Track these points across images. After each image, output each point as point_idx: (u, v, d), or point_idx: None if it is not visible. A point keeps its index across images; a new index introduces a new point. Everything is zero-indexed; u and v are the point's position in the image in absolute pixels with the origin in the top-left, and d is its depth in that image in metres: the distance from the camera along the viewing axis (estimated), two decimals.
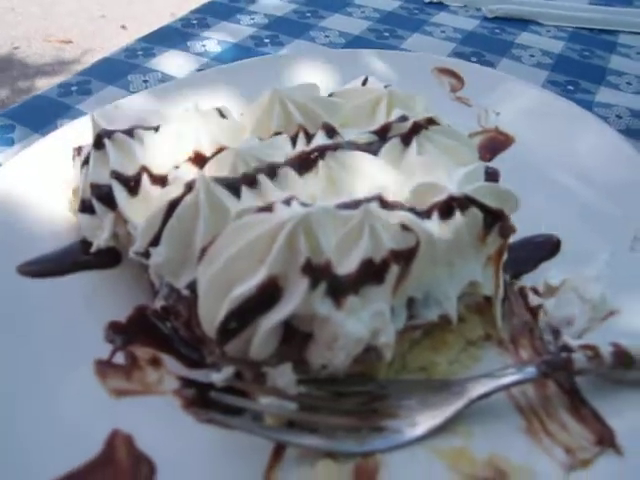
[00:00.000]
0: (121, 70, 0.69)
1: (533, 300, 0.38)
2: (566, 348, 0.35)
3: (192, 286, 0.33)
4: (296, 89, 0.41)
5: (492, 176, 0.48)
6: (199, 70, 0.69)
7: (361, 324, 0.31)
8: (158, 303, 0.38)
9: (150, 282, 0.39)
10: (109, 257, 0.40)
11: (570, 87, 0.68)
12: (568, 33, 0.80)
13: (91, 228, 0.39)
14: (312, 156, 0.36)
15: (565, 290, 0.39)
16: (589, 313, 0.37)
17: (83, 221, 0.39)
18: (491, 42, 0.76)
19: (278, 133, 0.39)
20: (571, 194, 0.46)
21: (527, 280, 0.40)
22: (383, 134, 0.40)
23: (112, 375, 0.35)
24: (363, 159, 0.37)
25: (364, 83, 0.45)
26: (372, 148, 0.38)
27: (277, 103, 0.40)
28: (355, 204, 0.32)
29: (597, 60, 0.73)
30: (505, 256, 0.38)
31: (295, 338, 0.32)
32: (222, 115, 0.41)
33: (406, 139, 0.39)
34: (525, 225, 0.39)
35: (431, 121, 0.41)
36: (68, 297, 0.39)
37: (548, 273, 0.40)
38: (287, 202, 0.31)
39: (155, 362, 0.36)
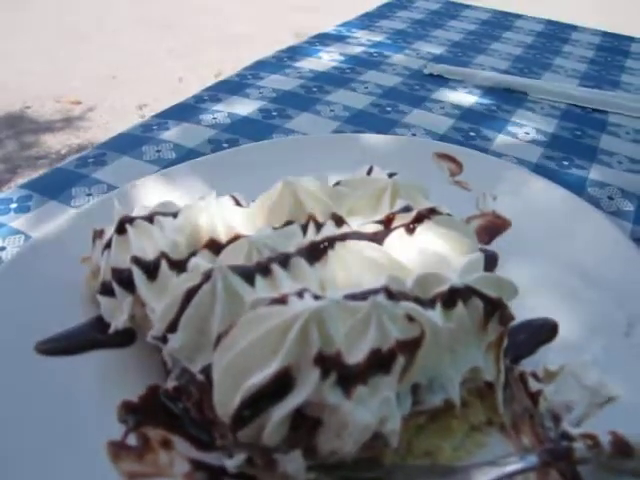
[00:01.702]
0: (135, 142, 0.73)
1: (533, 386, 0.39)
2: (566, 436, 0.36)
3: (206, 371, 0.34)
4: (306, 180, 0.44)
5: (491, 259, 0.50)
6: (210, 141, 0.72)
7: (369, 412, 0.32)
8: (170, 383, 0.39)
9: (163, 361, 0.40)
10: (124, 336, 0.42)
11: (565, 162, 0.71)
12: (561, 111, 0.84)
13: (110, 309, 0.40)
14: (322, 246, 0.38)
15: (564, 375, 0.40)
16: (588, 399, 0.39)
17: (103, 303, 0.41)
18: (488, 119, 0.81)
19: (289, 221, 0.42)
20: (565, 278, 0.48)
21: (527, 364, 0.42)
22: (388, 224, 0.42)
23: (125, 457, 0.35)
24: (369, 249, 0.39)
25: (369, 172, 0.48)
26: (378, 237, 0.41)
27: (289, 193, 0.42)
28: (363, 295, 0.34)
29: (588, 140, 0.77)
30: (505, 342, 0.39)
31: (305, 424, 0.33)
32: (237, 202, 0.44)
33: (410, 229, 0.41)
34: (522, 308, 0.41)
35: (433, 211, 0.43)
36: (83, 375, 0.40)
37: (547, 358, 0.42)
38: (300, 294, 0.33)
39: (166, 444, 0.37)
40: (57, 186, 0.64)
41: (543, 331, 0.45)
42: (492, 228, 0.54)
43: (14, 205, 0.62)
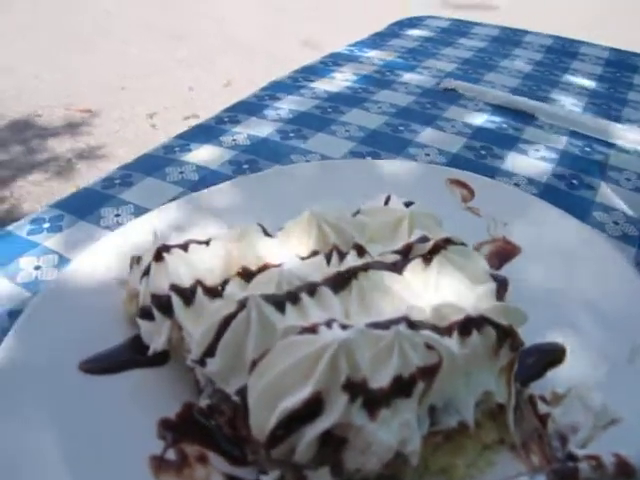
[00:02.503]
0: (159, 163, 0.76)
1: (542, 408, 0.42)
2: (572, 457, 0.39)
3: (242, 392, 0.37)
4: (329, 210, 0.47)
5: (502, 284, 0.53)
6: (230, 162, 0.75)
7: (391, 434, 0.35)
8: (203, 402, 0.42)
9: (195, 380, 0.43)
10: (159, 356, 0.45)
11: (574, 181, 0.74)
12: (569, 130, 0.87)
13: (149, 332, 0.43)
14: (346, 276, 0.41)
15: (571, 398, 0.43)
16: (593, 421, 0.42)
17: (142, 326, 0.44)
18: (499, 137, 0.84)
19: (315, 251, 0.45)
20: (572, 305, 0.51)
21: (536, 387, 0.45)
22: (406, 253, 0.45)
23: (165, 471, 0.38)
24: (390, 279, 0.42)
25: (387, 201, 0.51)
26: (397, 267, 0.44)
27: (314, 225, 0.45)
28: (386, 325, 0.37)
29: (597, 156, 0.80)
30: (516, 366, 0.42)
31: (332, 443, 0.36)
32: (265, 231, 0.47)
33: (427, 259, 0.44)
34: (531, 333, 0.44)
35: (448, 241, 0.46)
36: (123, 393, 0.43)
37: (554, 381, 0.45)
38: (328, 324, 0.36)
39: (202, 459, 0.40)
40: (86, 206, 0.68)
41: (551, 355, 0.48)
42: (502, 254, 0.57)
43: (47, 225, 0.65)
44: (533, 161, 0.78)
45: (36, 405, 0.41)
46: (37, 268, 0.58)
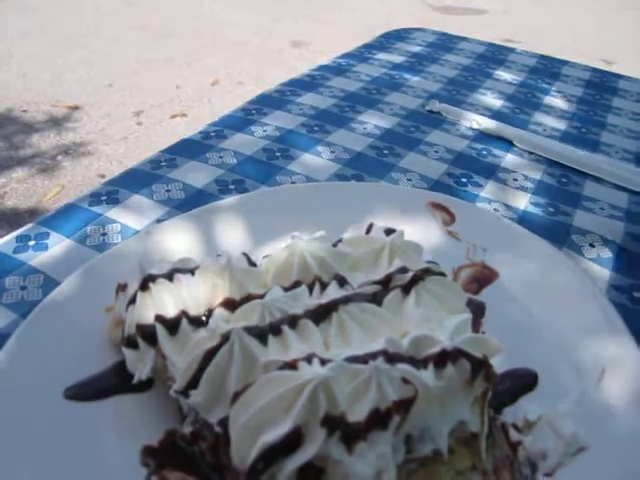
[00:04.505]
0: (146, 180, 0.77)
1: (514, 436, 0.44)
2: None
3: (224, 423, 0.39)
4: (311, 241, 0.48)
5: (478, 309, 0.55)
6: (217, 181, 0.76)
7: (368, 465, 0.37)
8: (186, 428, 0.43)
9: (179, 406, 0.45)
10: (143, 383, 0.46)
11: (551, 209, 0.76)
12: (546, 159, 0.89)
13: (134, 360, 0.44)
14: (327, 309, 0.43)
15: (542, 424, 0.45)
16: (562, 448, 0.43)
17: (127, 354, 0.45)
18: (479, 164, 0.85)
19: (297, 282, 0.46)
20: (545, 329, 0.53)
21: (507, 414, 0.47)
22: (386, 283, 0.47)
23: None
24: (369, 311, 0.43)
25: (369, 230, 0.53)
26: (377, 298, 0.45)
27: (297, 256, 0.47)
28: (364, 358, 0.39)
29: (572, 187, 0.82)
30: (489, 396, 0.44)
31: (310, 472, 0.37)
32: (249, 260, 0.48)
33: (406, 289, 0.46)
34: (505, 357, 0.45)
35: (427, 271, 0.48)
36: (106, 419, 0.44)
37: (527, 407, 0.47)
38: (309, 360, 0.37)
39: None
40: (72, 224, 0.68)
41: (524, 381, 0.49)
42: (481, 278, 0.59)
43: (32, 242, 0.65)
44: (511, 189, 0.80)
45: (17, 431, 0.42)
46: (23, 289, 0.59)
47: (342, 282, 0.46)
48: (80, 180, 2.45)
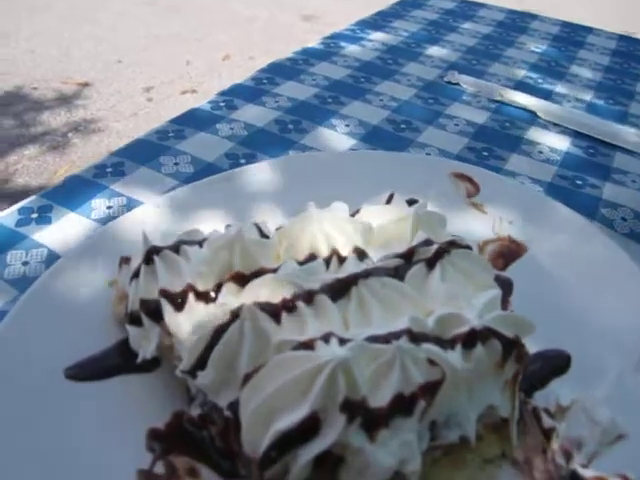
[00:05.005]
0: (153, 152, 0.73)
1: (546, 422, 0.41)
2: (576, 476, 0.37)
3: (234, 407, 0.36)
4: (328, 211, 0.45)
5: (506, 286, 0.51)
6: (227, 154, 0.73)
7: (390, 454, 0.33)
8: (194, 411, 0.40)
9: (186, 387, 0.42)
10: (149, 362, 0.43)
11: (578, 182, 0.72)
12: (573, 131, 0.84)
13: (138, 338, 0.42)
14: (345, 284, 0.39)
15: (575, 410, 0.42)
16: (599, 437, 0.40)
17: (131, 332, 0.42)
18: (501, 137, 0.81)
19: (312, 254, 0.43)
20: (578, 308, 0.49)
21: (538, 398, 0.43)
22: (409, 257, 0.43)
23: None
24: (391, 286, 0.40)
25: (389, 199, 0.49)
26: (399, 272, 0.42)
27: (312, 227, 0.43)
28: (386, 338, 0.35)
29: (601, 158, 0.77)
30: (520, 378, 0.40)
31: (328, 461, 0.34)
32: (261, 231, 0.45)
33: (430, 264, 0.42)
34: (535, 338, 0.42)
35: (452, 244, 0.44)
36: (110, 401, 0.41)
37: (559, 391, 0.43)
38: (326, 339, 0.34)
39: (192, 472, 0.38)
40: (77, 197, 0.65)
41: (556, 363, 0.46)
42: (508, 253, 0.55)
43: (35, 215, 0.63)
44: (536, 162, 0.75)
45: (16, 412, 0.40)
46: (25, 264, 0.56)
47: (361, 255, 0.43)
48: (91, 157, 2.43)
